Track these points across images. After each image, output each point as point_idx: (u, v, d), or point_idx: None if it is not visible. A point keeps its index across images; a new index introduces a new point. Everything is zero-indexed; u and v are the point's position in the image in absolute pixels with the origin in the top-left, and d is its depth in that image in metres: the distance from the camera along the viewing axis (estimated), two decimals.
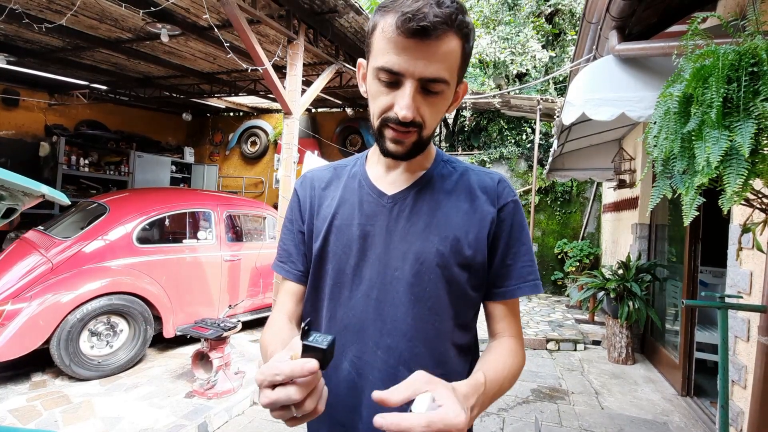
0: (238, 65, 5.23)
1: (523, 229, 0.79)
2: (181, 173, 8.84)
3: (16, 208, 0.91)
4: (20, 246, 3.62)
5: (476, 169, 0.82)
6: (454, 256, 0.73)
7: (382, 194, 0.79)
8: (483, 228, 0.76)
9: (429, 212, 0.76)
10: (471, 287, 0.75)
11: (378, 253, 0.75)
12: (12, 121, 6.95)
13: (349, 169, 0.86)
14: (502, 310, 0.78)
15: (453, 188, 0.79)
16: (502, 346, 0.75)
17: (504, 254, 0.77)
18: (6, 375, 3.25)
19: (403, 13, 0.62)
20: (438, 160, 0.83)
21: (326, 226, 0.80)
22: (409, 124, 0.67)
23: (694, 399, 3.38)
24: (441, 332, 0.74)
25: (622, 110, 2.71)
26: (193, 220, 4.37)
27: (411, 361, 0.72)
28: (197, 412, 2.85)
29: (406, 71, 0.64)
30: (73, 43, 4.85)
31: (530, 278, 0.77)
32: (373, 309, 0.74)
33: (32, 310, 3.01)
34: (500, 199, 0.78)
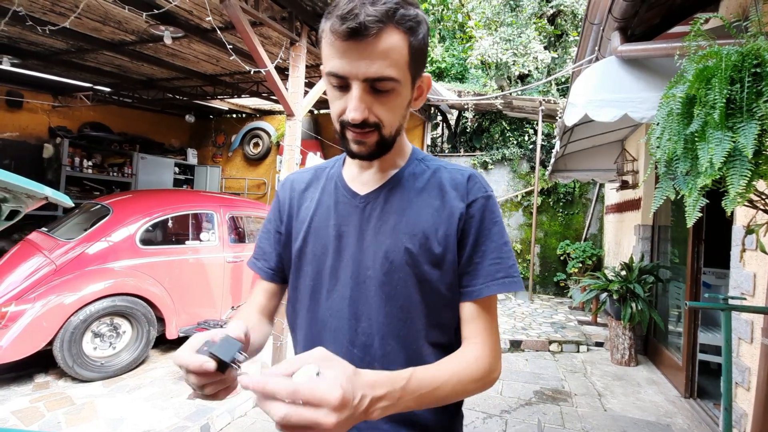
0: (240, 67, 5.25)
1: (494, 225, 0.76)
2: (184, 175, 8.87)
3: (19, 211, 0.91)
4: (24, 247, 3.64)
5: (449, 167, 0.82)
6: (423, 253, 0.73)
7: (355, 194, 0.79)
8: (451, 224, 0.74)
9: (399, 211, 0.76)
10: (444, 286, 0.74)
11: (352, 253, 0.76)
12: (16, 122, 6.99)
13: (328, 171, 0.87)
14: (470, 311, 0.74)
15: (424, 186, 0.78)
16: (459, 352, 0.72)
17: (472, 252, 0.74)
18: (9, 376, 3.27)
19: (338, 16, 0.63)
20: (412, 159, 0.82)
21: (305, 227, 0.81)
22: (363, 125, 0.68)
23: (697, 401, 3.36)
24: (413, 330, 0.73)
25: (625, 111, 2.70)
26: (195, 221, 4.39)
27: (384, 359, 0.72)
28: (200, 414, 2.85)
29: (349, 74, 0.65)
30: (76, 45, 4.87)
31: (499, 276, 0.73)
32: (348, 308, 0.75)
33: (36, 312, 3.03)
34: (470, 194, 0.77)
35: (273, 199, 0.91)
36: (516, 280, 0.75)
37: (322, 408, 0.47)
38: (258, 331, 0.79)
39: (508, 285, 0.74)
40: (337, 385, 0.48)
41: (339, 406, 0.47)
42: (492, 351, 0.72)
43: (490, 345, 0.73)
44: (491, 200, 0.78)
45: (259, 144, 8.89)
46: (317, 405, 0.47)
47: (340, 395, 0.47)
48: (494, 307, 0.76)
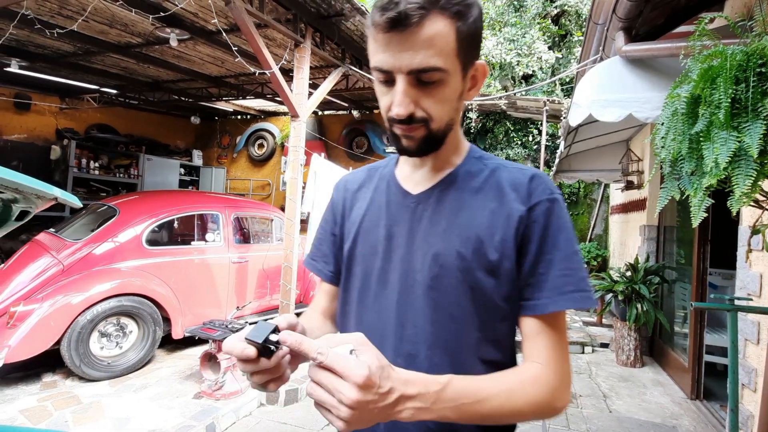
0: (245, 69, 5.28)
1: (561, 232, 0.67)
2: (190, 176, 8.92)
3: (29, 211, 0.93)
4: (32, 248, 3.68)
5: (510, 166, 0.75)
6: (477, 259, 0.67)
7: (407, 194, 0.76)
8: (509, 229, 0.67)
9: (452, 212, 0.71)
10: (501, 297, 0.67)
11: (401, 255, 0.72)
12: (24, 125, 7.06)
13: (381, 170, 0.85)
14: (533, 327, 0.66)
15: (481, 186, 0.72)
16: (517, 368, 0.65)
17: (535, 261, 0.67)
18: (17, 375, 3.30)
19: (378, 7, 0.60)
20: (469, 157, 0.77)
21: (356, 228, 0.79)
22: (410, 120, 0.64)
23: (703, 402, 3.34)
24: (464, 343, 0.67)
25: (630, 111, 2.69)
26: (201, 222, 4.42)
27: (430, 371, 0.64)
28: (205, 413, 2.87)
29: (393, 67, 0.61)
30: (83, 48, 4.92)
31: (568, 289, 0.65)
32: (395, 314, 0.71)
33: (43, 312, 3.06)
34: (532, 196, 0.69)
35: (329, 200, 0.90)
36: (588, 295, 0.66)
37: (346, 382, 0.47)
38: (320, 332, 0.79)
39: (579, 300, 0.65)
40: (365, 365, 0.48)
41: (362, 384, 0.47)
42: (556, 375, 0.63)
43: (554, 368, 0.64)
44: (558, 203, 0.70)
45: (264, 145, 8.93)
46: (341, 376, 0.48)
47: (366, 374, 0.47)
48: (562, 325, 0.67)
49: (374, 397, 0.48)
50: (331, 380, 0.48)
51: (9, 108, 6.85)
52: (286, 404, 3.18)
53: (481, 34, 0.67)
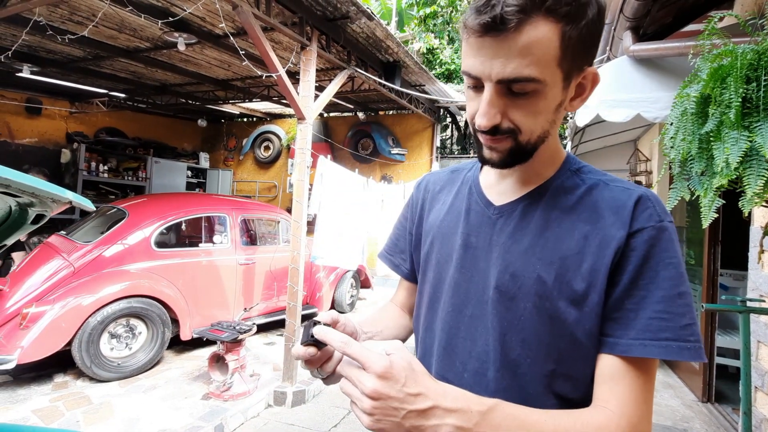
0: (252, 72, 5.32)
1: (664, 268, 0.57)
2: (197, 178, 9.00)
3: (45, 214, 0.95)
4: (43, 250, 3.73)
5: (612, 183, 0.65)
6: (559, 286, 0.60)
7: (490, 204, 0.70)
8: (603, 257, 0.59)
9: (536, 230, 0.64)
10: (583, 332, 0.59)
11: (478, 268, 0.67)
12: (35, 129, 7.17)
13: (464, 173, 0.80)
14: (611, 367, 0.57)
15: (574, 205, 0.64)
16: (581, 410, 0.56)
17: (625, 294, 0.58)
18: (30, 376, 3.35)
19: (474, 8, 0.54)
20: (564, 170, 0.68)
21: (433, 231, 0.76)
22: (494, 131, 0.59)
23: (715, 405, 3.30)
24: (536, 373, 0.61)
25: (638, 111, 2.67)
26: (208, 224, 4.45)
27: (497, 394, 0.59)
28: (213, 414, 2.89)
29: (482, 74, 0.56)
30: (93, 52, 4.99)
31: (663, 336, 0.55)
32: (466, 327, 0.67)
33: (55, 313, 3.10)
34: (635, 221, 0.59)
35: (409, 197, 0.89)
36: (691, 347, 0.55)
37: (366, 372, 0.49)
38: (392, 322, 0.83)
39: (677, 351, 0.55)
40: (387, 358, 0.49)
41: (381, 374, 0.48)
42: (630, 427, 0.54)
43: (629, 419, 0.54)
44: (667, 233, 0.59)
45: (270, 147, 8.98)
46: (363, 366, 0.49)
47: (385, 364, 0.48)
48: (650, 373, 0.57)
49: (398, 393, 0.48)
50: (355, 372, 0.50)
51: (20, 112, 6.96)
52: (293, 405, 3.19)
53: (597, 37, 0.59)
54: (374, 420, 0.48)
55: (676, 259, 0.58)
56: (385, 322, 0.82)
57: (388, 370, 0.48)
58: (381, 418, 0.48)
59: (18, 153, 6.91)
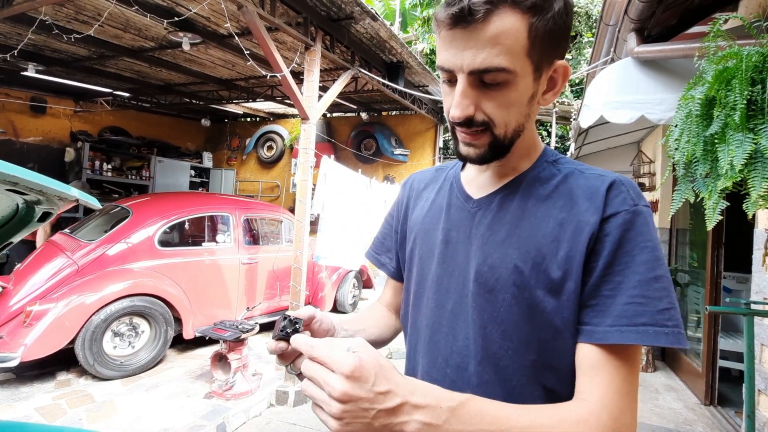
0: (255, 72, 5.33)
1: (641, 251, 0.56)
2: (200, 177, 9.02)
3: (51, 212, 0.95)
4: (47, 248, 3.75)
5: (588, 171, 0.65)
6: (536, 276, 0.59)
7: (469, 198, 0.71)
8: (577, 244, 0.58)
9: (513, 221, 0.64)
10: (563, 321, 0.58)
11: (458, 262, 0.68)
12: (39, 127, 7.21)
13: (448, 171, 0.80)
14: (589, 357, 0.56)
15: (550, 193, 0.64)
16: (560, 404, 0.55)
17: (600, 280, 0.57)
18: (33, 374, 3.36)
19: (444, 3, 0.56)
20: (541, 161, 0.69)
21: (416, 228, 0.77)
22: (469, 123, 0.60)
23: (717, 408, 3.28)
24: (518, 365, 0.61)
25: (642, 113, 2.67)
26: (211, 223, 4.46)
27: (480, 388, 0.61)
28: (216, 413, 2.90)
29: (454, 66, 0.57)
30: (98, 52, 5.01)
31: (640, 321, 0.54)
32: (447, 322, 0.67)
33: (58, 311, 3.11)
34: (608, 206, 0.59)
35: (396, 196, 0.91)
36: (668, 331, 0.53)
37: (334, 373, 0.46)
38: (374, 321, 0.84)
39: (653, 336, 0.53)
40: (356, 356, 0.46)
41: (351, 374, 0.45)
42: (612, 421, 0.52)
43: (611, 411, 0.52)
44: (641, 217, 0.58)
45: (273, 147, 9.00)
46: (330, 367, 0.47)
47: (355, 363, 0.45)
48: (633, 362, 0.55)
49: (367, 394, 0.45)
50: (321, 373, 0.47)
51: (25, 111, 6.99)
52: (295, 405, 3.20)
53: (566, 31, 0.60)
54: (343, 423, 0.46)
55: (652, 243, 0.57)
56: (369, 321, 0.83)
57: (358, 370, 0.45)
58: (350, 421, 0.46)
59: (22, 151, 6.94)
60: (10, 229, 0.97)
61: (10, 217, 0.94)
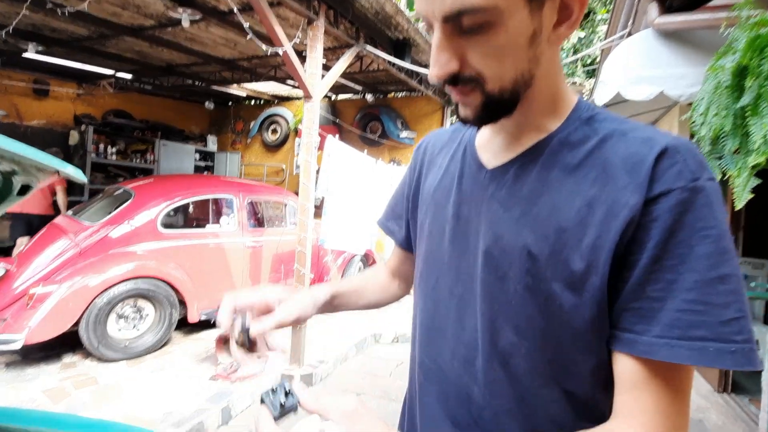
0: (258, 51, 5.19)
1: (700, 242, 0.44)
2: (205, 161, 8.97)
3: (30, 186, 0.88)
4: (50, 230, 3.72)
5: (631, 133, 0.51)
6: (553, 265, 0.49)
7: (482, 167, 0.60)
8: (608, 231, 0.47)
9: (530, 196, 0.53)
10: (583, 321, 0.48)
11: (468, 242, 0.58)
12: (43, 110, 7.15)
13: (464, 132, 0.69)
14: (630, 372, 0.46)
15: (580, 162, 0.51)
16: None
17: (645, 277, 0.45)
18: (39, 356, 3.37)
19: None
20: (573, 119, 0.55)
21: (428, 200, 0.68)
22: (455, 80, 0.50)
23: (731, 396, 3.22)
24: (531, 366, 0.52)
25: (662, 88, 2.54)
26: (215, 206, 4.41)
27: (488, 387, 0.54)
28: (221, 396, 2.89)
29: (426, 12, 0.48)
30: (98, 31, 4.90)
31: (697, 334, 0.42)
32: (455, 310, 0.59)
33: (62, 294, 3.09)
34: (656, 182, 0.46)
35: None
36: (736, 349, 0.42)
37: None
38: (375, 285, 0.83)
39: (714, 355, 0.42)
40: None
41: None
42: None
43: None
44: (703, 195, 0.45)
45: (278, 131, 8.89)
46: None
47: None
48: (683, 381, 0.45)
49: None
50: None
51: (28, 94, 6.93)
52: None
53: None
54: None
55: (717, 230, 0.44)
56: (370, 285, 0.83)
57: None
58: None
59: (27, 135, 6.90)
60: None
61: None
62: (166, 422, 2.54)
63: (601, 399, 0.50)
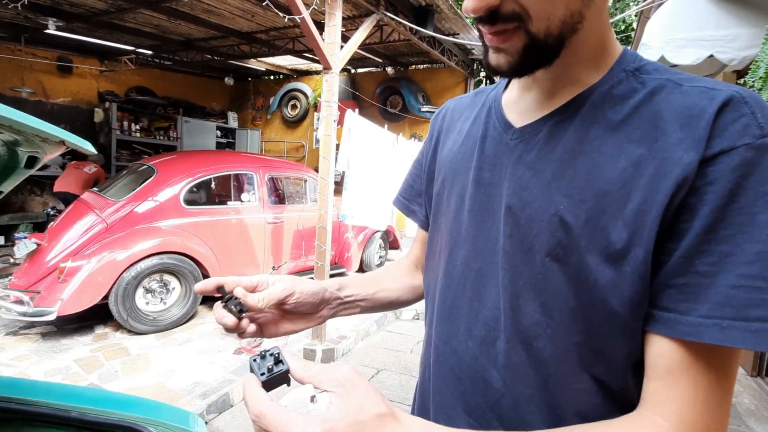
0: (276, 23, 5.07)
1: (764, 209, 0.36)
2: (226, 138, 9.01)
3: (37, 157, 0.84)
4: (78, 206, 3.81)
5: (687, 84, 0.43)
6: (590, 235, 0.43)
7: (509, 126, 0.53)
8: (656, 192, 0.40)
9: (564, 157, 0.46)
10: (620, 299, 0.41)
11: (491, 210, 0.52)
12: (67, 88, 7.26)
13: (488, 93, 0.62)
14: (667, 357, 0.40)
15: (626, 118, 0.44)
16: (619, 423, 0.41)
17: (695, 248, 0.38)
18: (72, 327, 3.51)
19: None
20: (616, 71, 0.47)
21: (445, 167, 0.62)
22: (493, 18, 0.42)
23: (765, 380, 3.08)
24: (557, 348, 0.46)
25: (711, 52, 2.33)
26: (237, 182, 4.42)
27: (507, 370, 0.49)
28: (245, 368, 2.94)
29: None
30: (115, 4, 4.87)
31: (753, 315, 0.36)
32: (472, 284, 0.53)
33: (91, 267, 3.18)
34: (717, 138, 0.39)
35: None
36: None
37: None
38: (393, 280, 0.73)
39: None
40: (321, 430, 0.35)
41: None
42: None
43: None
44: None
45: (297, 106, 8.81)
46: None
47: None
48: (729, 369, 0.39)
49: None
50: None
51: (53, 71, 7.02)
52: (322, 362, 3.21)
53: None
54: None
55: None
56: (386, 280, 0.72)
57: None
58: None
59: (53, 112, 7.04)
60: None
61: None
62: (194, 393, 2.62)
63: (635, 390, 0.44)
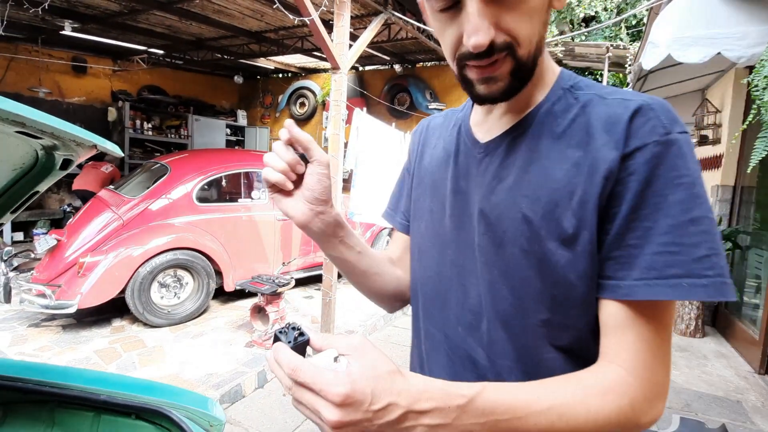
0: (285, 22, 5.14)
1: (673, 190, 0.47)
2: (235, 136, 9.11)
3: (72, 159, 0.91)
4: (95, 204, 3.92)
5: (610, 97, 0.54)
6: (547, 226, 0.52)
7: (476, 143, 0.63)
8: (592, 185, 0.50)
9: (522, 165, 0.56)
10: (577, 275, 0.51)
11: (467, 214, 0.62)
12: (82, 87, 7.41)
13: (456, 114, 0.72)
14: (614, 315, 0.50)
15: (565, 130, 0.54)
16: (586, 372, 0.50)
17: (625, 227, 0.49)
18: (91, 320, 3.63)
19: None
20: (556, 90, 0.57)
21: (426, 178, 0.71)
22: (490, 51, 0.48)
23: None
24: (528, 323, 0.55)
25: (718, 50, 2.33)
26: (247, 180, 4.50)
27: (491, 348, 0.58)
28: (256, 361, 3.03)
29: None
30: (128, 6, 4.97)
31: (671, 272, 0.46)
32: (458, 278, 0.62)
33: (109, 263, 3.28)
34: (632, 137, 0.49)
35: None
36: (708, 283, 0.45)
37: (323, 400, 0.40)
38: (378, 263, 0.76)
39: (688, 289, 0.46)
40: (347, 381, 0.40)
41: (342, 402, 0.39)
42: (643, 385, 0.47)
43: (641, 375, 0.48)
44: (676, 147, 0.48)
45: (305, 104, 8.87)
46: (317, 393, 0.40)
47: (344, 391, 0.39)
48: (664, 319, 0.49)
49: (365, 415, 0.40)
50: (309, 399, 0.41)
51: (68, 71, 7.17)
52: None
53: None
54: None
55: (689, 178, 0.47)
56: (375, 254, 0.77)
57: (350, 396, 0.39)
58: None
59: (69, 111, 7.19)
60: (35, 176, 0.94)
61: (32, 165, 0.91)
62: (207, 383, 2.71)
63: (596, 354, 0.53)
